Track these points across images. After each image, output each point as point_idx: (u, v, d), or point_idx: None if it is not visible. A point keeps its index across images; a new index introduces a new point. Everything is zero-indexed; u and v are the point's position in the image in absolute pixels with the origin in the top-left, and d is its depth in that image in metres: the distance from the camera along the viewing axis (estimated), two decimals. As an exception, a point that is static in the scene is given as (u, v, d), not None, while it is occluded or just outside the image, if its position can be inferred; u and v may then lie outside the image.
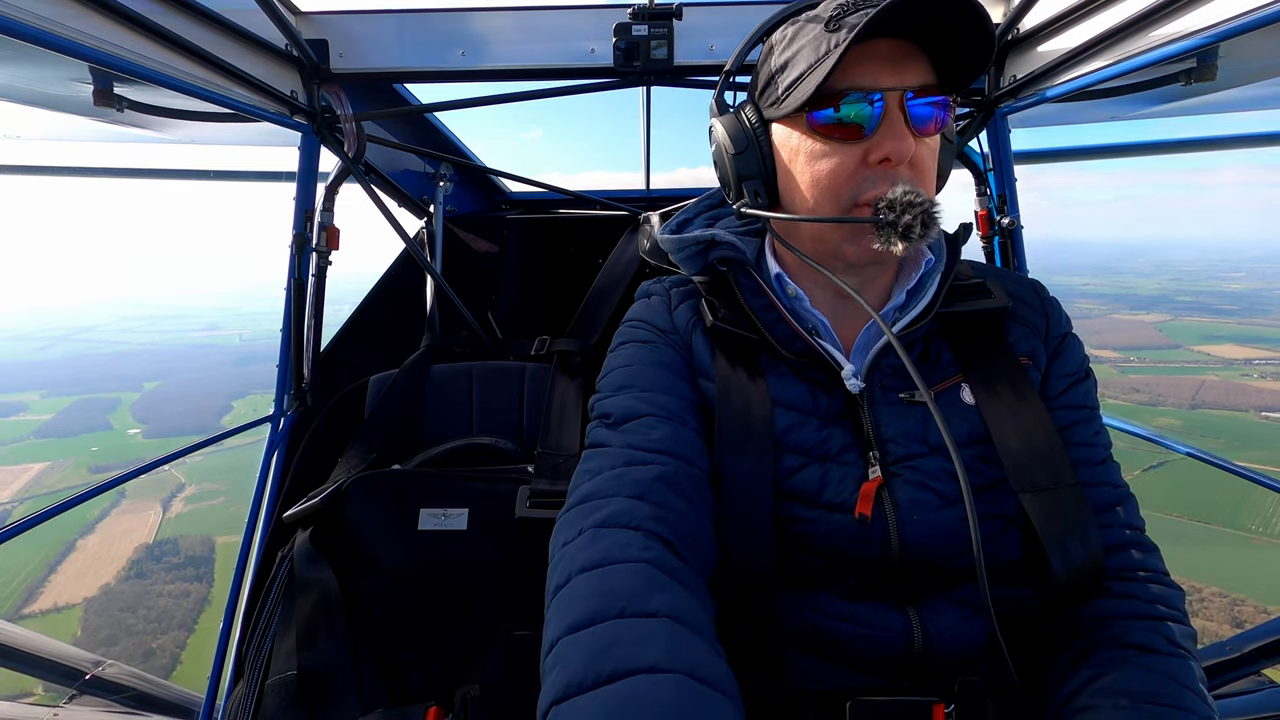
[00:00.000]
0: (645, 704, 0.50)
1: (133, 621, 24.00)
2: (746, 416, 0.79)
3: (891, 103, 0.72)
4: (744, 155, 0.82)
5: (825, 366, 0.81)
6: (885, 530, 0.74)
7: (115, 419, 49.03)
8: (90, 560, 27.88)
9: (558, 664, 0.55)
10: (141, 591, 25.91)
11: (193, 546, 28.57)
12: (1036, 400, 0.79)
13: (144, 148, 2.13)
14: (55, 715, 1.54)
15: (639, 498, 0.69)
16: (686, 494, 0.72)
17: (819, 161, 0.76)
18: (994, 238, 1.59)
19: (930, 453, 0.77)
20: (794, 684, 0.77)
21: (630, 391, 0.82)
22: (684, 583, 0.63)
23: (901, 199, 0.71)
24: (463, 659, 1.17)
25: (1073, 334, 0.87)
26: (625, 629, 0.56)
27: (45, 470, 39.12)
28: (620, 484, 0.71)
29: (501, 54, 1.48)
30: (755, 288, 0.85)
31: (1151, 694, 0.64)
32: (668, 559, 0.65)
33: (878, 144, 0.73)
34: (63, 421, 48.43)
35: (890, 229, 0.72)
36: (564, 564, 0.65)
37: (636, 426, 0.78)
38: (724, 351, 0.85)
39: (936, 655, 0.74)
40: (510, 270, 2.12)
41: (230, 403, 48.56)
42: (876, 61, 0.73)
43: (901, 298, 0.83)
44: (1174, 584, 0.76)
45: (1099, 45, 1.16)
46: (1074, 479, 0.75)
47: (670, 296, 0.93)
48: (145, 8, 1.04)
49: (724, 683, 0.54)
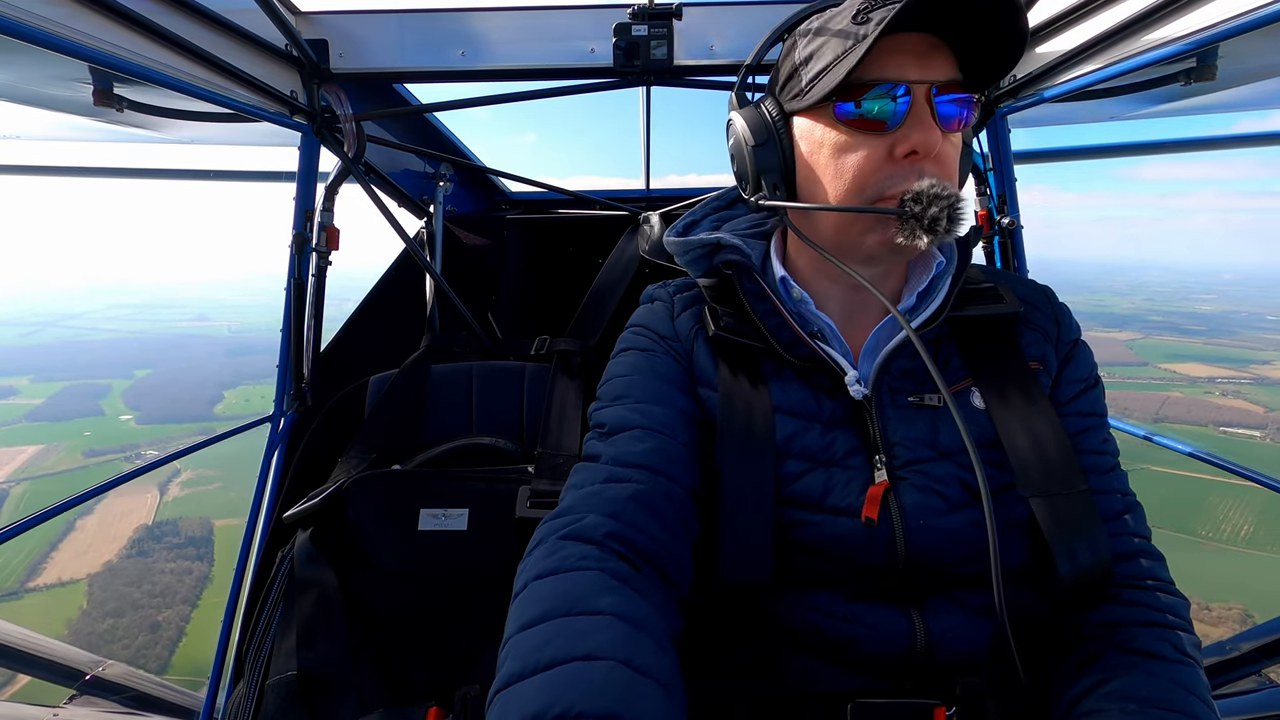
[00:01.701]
0: (575, 685, 0.53)
1: (138, 596, 24.73)
2: (748, 424, 0.79)
3: (919, 96, 0.71)
4: (764, 148, 0.81)
5: (829, 371, 0.81)
6: (891, 534, 0.74)
7: (107, 405, 49.38)
8: (91, 539, 28.71)
9: (507, 658, 0.58)
10: (145, 568, 26.59)
11: (192, 528, 28.99)
12: (1047, 405, 0.78)
13: (144, 148, 2.13)
14: (55, 715, 1.54)
15: (611, 516, 0.71)
16: (661, 514, 0.73)
17: (843, 154, 0.75)
18: (994, 237, 1.59)
19: (939, 457, 0.77)
20: (794, 685, 0.77)
21: (624, 402, 0.83)
22: (638, 590, 0.65)
23: (929, 191, 0.70)
24: (463, 659, 1.17)
25: (1083, 341, 0.86)
26: (569, 624, 0.59)
27: (40, 453, 39.75)
28: (595, 501, 0.73)
29: (501, 54, 1.48)
30: (759, 292, 0.85)
31: (1159, 700, 0.64)
32: (623, 570, 0.66)
33: (904, 136, 0.71)
34: (54, 406, 48.87)
35: (915, 222, 0.71)
36: (524, 572, 0.68)
37: (624, 439, 0.79)
38: (726, 359, 0.84)
39: (939, 657, 0.74)
40: (510, 270, 2.12)
41: (222, 392, 49.00)
42: (904, 55, 0.71)
43: (912, 300, 0.82)
44: (1180, 593, 0.76)
45: (1099, 45, 1.16)
46: (1085, 485, 0.75)
47: (674, 303, 0.92)
48: (145, 8, 1.04)
49: (661, 673, 0.56)
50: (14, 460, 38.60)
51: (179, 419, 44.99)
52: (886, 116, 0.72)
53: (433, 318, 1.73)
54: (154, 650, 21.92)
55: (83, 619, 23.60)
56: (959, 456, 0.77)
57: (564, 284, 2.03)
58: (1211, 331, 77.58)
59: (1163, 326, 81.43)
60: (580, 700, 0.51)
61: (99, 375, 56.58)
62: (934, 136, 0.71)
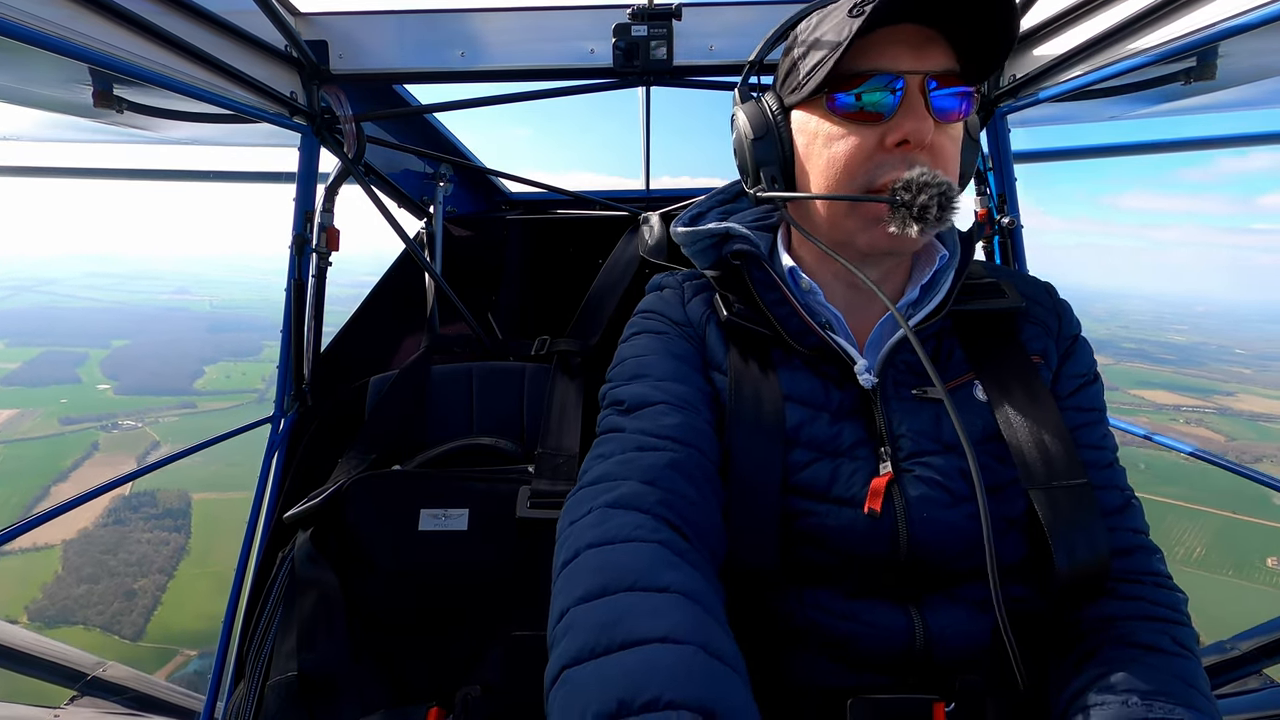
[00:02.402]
0: (660, 671, 0.50)
1: (114, 564, 24.95)
2: (758, 411, 0.79)
3: (913, 86, 0.72)
4: (763, 140, 0.82)
5: (838, 361, 0.81)
6: (894, 526, 0.74)
7: (84, 373, 49.13)
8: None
9: (569, 631, 0.55)
10: (121, 537, 26.68)
11: (170, 500, 29.09)
12: (1049, 399, 0.79)
13: (144, 148, 2.13)
14: (55, 716, 1.54)
15: (650, 483, 0.69)
16: (697, 482, 0.72)
17: (836, 144, 0.75)
18: (994, 237, 1.59)
19: (943, 450, 0.77)
20: (794, 682, 0.77)
21: (644, 380, 0.82)
22: (694, 564, 0.63)
23: (918, 179, 0.71)
24: (463, 659, 1.17)
25: (1083, 337, 0.87)
26: (637, 600, 0.56)
27: (15, 417, 39.79)
28: (632, 468, 0.70)
29: (501, 54, 1.48)
30: (769, 281, 0.85)
31: (1159, 692, 0.64)
32: (677, 542, 0.64)
33: (896, 125, 0.72)
34: (30, 371, 48.66)
35: (905, 210, 0.71)
36: (572, 540, 0.64)
37: (650, 413, 0.77)
38: (737, 346, 0.84)
39: (938, 654, 0.74)
40: (510, 270, 2.12)
41: (202, 367, 48.29)
42: (899, 46, 0.72)
43: (915, 293, 0.82)
44: (1178, 588, 0.76)
45: (1099, 45, 1.16)
46: (1084, 478, 0.75)
47: (684, 290, 0.93)
48: (145, 9, 1.04)
49: (734, 660, 0.54)
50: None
51: (158, 391, 44.49)
52: (881, 107, 0.72)
53: (433, 318, 1.73)
54: (129, 617, 22.01)
55: (57, 584, 23.74)
56: (962, 450, 0.77)
57: (564, 284, 2.03)
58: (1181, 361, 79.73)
59: (1134, 354, 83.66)
60: (670, 688, 0.48)
61: (76, 344, 55.91)
62: (926, 126, 0.71)
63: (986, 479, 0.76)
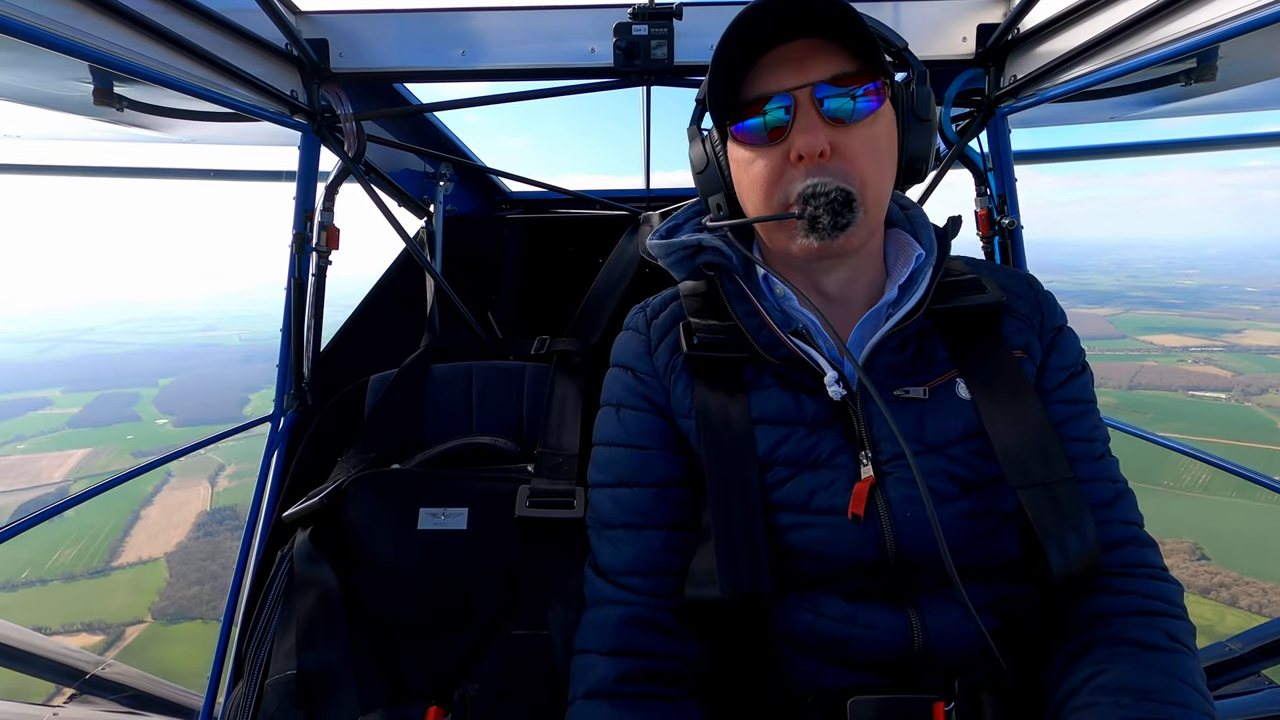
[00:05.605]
0: None
1: (214, 568, 28.86)
2: (729, 442, 0.81)
3: (802, 99, 0.74)
4: (705, 174, 0.87)
5: (811, 371, 0.81)
6: (879, 529, 0.74)
7: (141, 410, 54.19)
8: (157, 525, 33.83)
9: None
10: (214, 546, 31.30)
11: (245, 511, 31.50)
12: (1032, 395, 0.79)
13: (144, 147, 2.13)
14: (55, 715, 1.54)
15: (613, 652, 0.80)
16: (653, 623, 0.81)
17: (752, 167, 0.79)
18: (994, 238, 1.58)
19: (926, 451, 0.77)
20: (795, 684, 0.77)
21: (609, 489, 0.88)
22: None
23: (805, 191, 0.73)
24: (462, 658, 1.17)
25: (1068, 328, 0.87)
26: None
27: (90, 455, 44.04)
28: (600, 637, 0.82)
29: (501, 54, 1.48)
30: (739, 293, 0.86)
31: (1152, 690, 0.64)
32: (644, 703, 0.77)
33: (791, 141, 0.74)
34: (92, 413, 53.03)
35: (805, 223, 0.74)
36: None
37: (610, 539, 0.87)
38: (705, 378, 0.85)
39: (937, 654, 0.74)
40: (510, 270, 2.12)
41: (248, 395, 52.92)
42: (783, 65, 0.75)
43: (894, 292, 0.82)
44: (1173, 579, 0.76)
45: (1099, 45, 1.16)
46: (1070, 474, 0.75)
47: (650, 333, 0.93)
48: (145, 7, 1.04)
49: None
50: (65, 463, 43.10)
51: (212, 420, 48.36)
52: (778, 125, 0.75)
53: (433, 318, 1.73)
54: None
55: (170, 587, 28.34)
56: (946, 449, 0.77)
57: (564, 284, 2.03)
58: (1189, 305, 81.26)
59: (1144, 302, 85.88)
60: None
61: (125, 385, 60.90)
62: (815, 137, 0.73)
63: (970, 476, 0.76)
